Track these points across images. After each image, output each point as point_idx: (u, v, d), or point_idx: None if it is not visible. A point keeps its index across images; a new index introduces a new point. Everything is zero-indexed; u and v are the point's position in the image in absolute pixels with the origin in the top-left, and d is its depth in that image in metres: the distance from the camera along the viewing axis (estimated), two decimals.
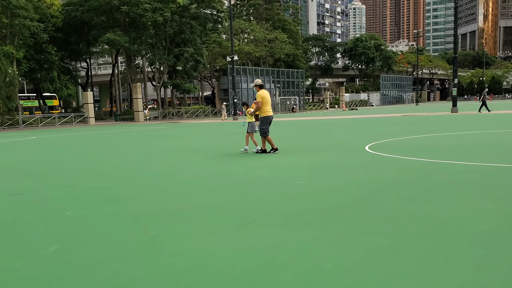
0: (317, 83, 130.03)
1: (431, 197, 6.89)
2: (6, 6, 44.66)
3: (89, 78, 69.60)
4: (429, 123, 26.87)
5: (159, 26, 54.83)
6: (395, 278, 3.86)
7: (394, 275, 3.91)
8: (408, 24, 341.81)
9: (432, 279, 3.81)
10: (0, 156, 16.82)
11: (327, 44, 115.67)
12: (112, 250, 4.87)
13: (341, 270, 4.06)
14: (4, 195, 8.30)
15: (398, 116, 39.22)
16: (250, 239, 5.09)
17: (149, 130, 32.68)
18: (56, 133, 33.99)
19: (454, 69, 44.77)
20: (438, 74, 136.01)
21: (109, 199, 7.58)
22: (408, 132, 19.83)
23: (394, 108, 74.88)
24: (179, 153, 14.89)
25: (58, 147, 19.59)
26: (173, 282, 3.96)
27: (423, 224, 5.46)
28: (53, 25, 54.75)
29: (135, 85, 56.67)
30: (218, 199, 7.30)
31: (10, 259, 4.71)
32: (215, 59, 70.20)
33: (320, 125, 30.57)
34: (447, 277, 3.84)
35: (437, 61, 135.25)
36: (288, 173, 9.68)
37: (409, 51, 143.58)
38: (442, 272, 3.96)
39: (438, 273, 3.94)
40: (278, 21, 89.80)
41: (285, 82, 79.29)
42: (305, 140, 18.20)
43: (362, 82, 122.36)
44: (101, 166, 12.45)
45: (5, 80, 45.70)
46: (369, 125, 27.18)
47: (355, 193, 7.32)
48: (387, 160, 11.19)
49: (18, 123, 46.90)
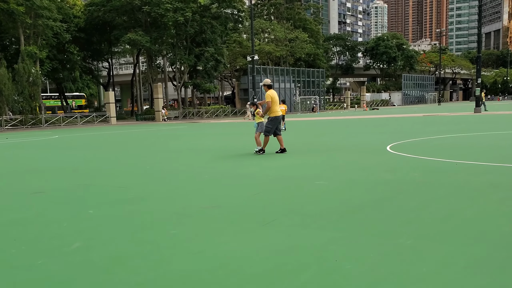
0: (338, 82, 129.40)
1: (453, 198, 6.81)
2: (30, 6, 45.29)
3: (110, 78, 70.25)
4: (451, 123, 26.57)
5: (180, 26, 55.07)
6: (415, 279, 3.82)
7: (415, 277, 3.87)
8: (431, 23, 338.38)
9: (453, 281, 3.76)
10: (24, 155, 17.06)
11: (348, 44, 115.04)
12: (133, 249, 4.91)
13: (361, 271, 4.03)
14: (28, 193, 8.42)
15: (420, 116, 38.85)
16: (269, 239, 5.08)
17: (169, 130, 32.87)
18: (78, 132, 34.38)
19: (478, 68, 44.19)
20: (461, 73, 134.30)
21: (130, 198, 7.64)
22: (430, 132, 19.63)
23: (416, 108, 74.19)
24: (199, 153, 14.94)
25: (80, 147, 19.81)
26: (192, 281, 3.97)
27: (444, 225, 5.40)
28: (76, 25, 55.35)
29: (156, 85, 57.02)
30: (237, 199, 7.30)
31: (33, 256, 4.77)
32: (236, 58, 70.30)
33: (340, 125, 30.43)
34: (468, 280, 3.79)
35: (460, 61, 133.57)
36: (307, 173, 9.65)
37: (431, 50, 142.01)
38: (464, 274, 3.91)
39: (459, 275, 3.89)
40: (299, 21, 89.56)
41: (305, 81, 79.08)
42: (325, 140, 18.13)
43: (384, 81, 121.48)
44: (122, 165, 12.56)
45: (29, 80, 46.36)
46: (391, 125, 26.97)
47: (375, 194, 7.26)
48: (408, 161, 11.09)
49: (41, 122, 47.52)
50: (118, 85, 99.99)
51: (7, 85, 44.06)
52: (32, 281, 4.10)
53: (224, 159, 12.81)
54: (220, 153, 14.41)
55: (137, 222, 6.03)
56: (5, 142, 24.88)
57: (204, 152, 15.16)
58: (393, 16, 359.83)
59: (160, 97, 56.45)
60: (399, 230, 5.23)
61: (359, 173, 9.42)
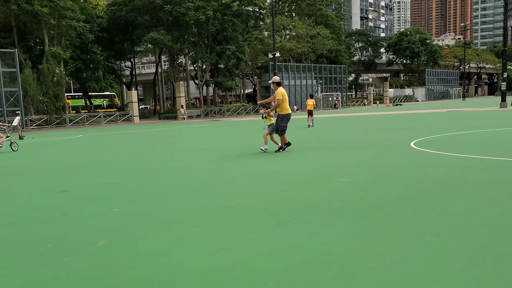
0: (360, 78, 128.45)
1: (478, 194, 6.72)
2: (53, 8, 45.88)
3: (133, 77, 70.80)
4: (476, 119, 26.21)
5: (202, 25, 55.24)
6: (441, 277, 3.78)
7: (440, 274, 3.83)
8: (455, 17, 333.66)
9: (480, 279, 3.71)
10: (49, 154, 17.31)
11: (370, 39, 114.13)
12: (157, 246, 4.95)
13: (385, 269, 4.00)
14: (54, 192, 8.54)
15: (444, 112, 38.40)
16: (293, 236, 5.07)
17: (191, 129, 33.03)
18: (102, 131, 34.75)
19: (503, 62, 43.51)
20: (486, 68, 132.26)
21: (153, 196, 7.70)
22: (455, 128, 19.40)
23: (440, 103, 73.33)
24: (221, 151, 14.98)
25: (104, 146, 20.03)
26: (216, 277, 3.99)
27: (470, 222, 5.33)
28: (99, 25, 55.88)
29: (178, 84, 57.31)
30: (261, 196, 7.31)
31: (59, 254, 4.84)
32: (257, 56, 70.27)
33: (363, 121, 30.23)
34: (495, 277, 3.74)
35: (485, 55, 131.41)
36: (330, 170, 9.61)
37: (455, 44, 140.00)
38: (490, 271, 3.86)
39: (485, 273, 3.84)
40: (320, 17, 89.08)
41: (327, 78, 78.71)
42: (348, 137, 18.03)
43: (407, 77, 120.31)
44: (146, 163, 12.66)
45: (53, 80, 47.01)
46: (414, 121, 26.71)
47: (400, 191, 7.20)
48: (433, 157, 10.98)
49: (65, 122, 48.14)
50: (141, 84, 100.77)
51: (32, 85, 44.74)
52: (59, 278, 4.15)
53: (246, 157, 12.83)
54: (241, 151, 14.42)
55: (161, 220, 6.08)
56: (30, 141, 25.27)
57: (226, 150, 15.20)
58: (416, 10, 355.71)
59: (182, 96, 56.73)
60: (423, 228, 5.17)
61: (383, 170, 9.35)
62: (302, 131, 23.21)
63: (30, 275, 4.25)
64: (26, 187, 9.42)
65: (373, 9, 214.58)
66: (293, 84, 70.52)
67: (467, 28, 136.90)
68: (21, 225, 6.16)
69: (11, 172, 12.17)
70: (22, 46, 52.53)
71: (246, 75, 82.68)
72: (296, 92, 71.37)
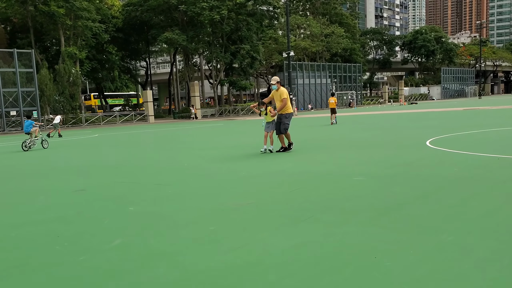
0: (375, 77, 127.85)
1: (495, 193, 6.66)
2: (69, 8, 46.27)
3: (148, 77, 71.11)
4: (492, 117, 25.95)
5: (216, 24, 55.33)
6: (458, 276, 3.75)
7: (457, 274, 3.80)
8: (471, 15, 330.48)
9: (497, 279, 3.68)
10: (65, 153, 17.46)
11: (385, 38, 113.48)
12: (172, 245, 4.97)
13: (401, 268, 3.97)
14: (69, 191, 8.61)
15: (460, 110, 38.07)
16: (307, 235, 5.07)
17: (206, 128, 33.11)
18: (117, 131, 34.97)
19: None
20: (503, 66, 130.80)
21: (168, 195, 7.73)
22: (471, 127, 19.22)
23: (455, 102, 72.69)
24: (235, 150, 15.00)
25: (120, 145, 20.15)
26: (231, 276, 3.99)
27: (487, 221, 5.28)
28: (114, 25, 56.18)
29: (193, 83, 57.45)
30: (275, 195, 7.30)
31: (75, 252, 4.88)
32: (271, 55, 70.22)
33: (378, 120, 30.07)
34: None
35: (502, 53, 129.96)
36: (345, 169, 9.58)
37: (471, 43, 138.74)
38: (508, 271, 3.82)
39: (503, 272, 3.80)
40: (335, 15, 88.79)
41: (341, 76, 78.46)
42: (363, 135, 17.95)
43: (422, 75, 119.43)
44: (160, 163, 12.73)
45: (69, 80, 47.40)
46: (430, 120, 26.51)
47: (416, 190, 7.15)
48: (449, 156, 10.89)
49: (81, 122, 48.51)
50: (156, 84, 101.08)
51: (49, 85, 45.16)
52: (75, 277, 4.19)
53: (260, 156, 12.82)
54: (255, 150, 14.38)
55: (176, 219, 6.10)
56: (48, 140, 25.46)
57: (240, 149, 15.21)
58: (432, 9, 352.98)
59: (197, 95, 56.86)
60: (440, 227, 5.14)
61: (398, 168, 9.29)
62: (322, 128, 23.16)
63: (47, 274, 4.29)
64: (43, 186, 9.51)
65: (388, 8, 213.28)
66: (307, 83, 70.42)
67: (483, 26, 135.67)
68: (38, 224, 6.22)
69: (28, 171, 12.29)
70: (39, 47, 53.02)
71: (261, 74, 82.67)
72: (310, 91, 71.28)
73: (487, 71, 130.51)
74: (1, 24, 52.99)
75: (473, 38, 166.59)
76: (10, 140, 28.69)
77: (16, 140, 27.38)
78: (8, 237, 5.61)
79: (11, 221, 6.52)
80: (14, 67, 41.51)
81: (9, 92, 41.86)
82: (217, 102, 65.00)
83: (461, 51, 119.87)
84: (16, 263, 4.63)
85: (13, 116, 42.57)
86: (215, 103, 65.88)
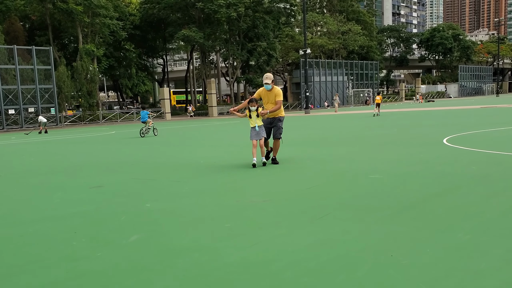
0: (392, 74, 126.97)
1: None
2: (87, 6, 46.67)
3: (165, 74, 71.48)
4: (510, 115, 25.62)
5: (233, 22, 55.43)
6: (475, 275, 3.72)
7: (474, 273, 3.77)
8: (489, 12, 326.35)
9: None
10: (83, 149, 17.60)
11: (402, 35, 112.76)
12: (189, 241, 4.99)
13: (418, 266, 3.95)
14: (87, 187, 8.69)
15: (478, 108, 37.67)
16: (324, 232, 5.05)
17: (222, 125, 33.16)
18: (134, 128, 35.14)
19: None
20: None
21: (185, 192, 7.76)
22: (489, 125, 19.02)
23: (473, 99, 71.98)
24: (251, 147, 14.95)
25: (137, 142, 20.26)
26: (247, 273, 4.00)
27: (505, 220, 5.23)
28: (131, 23, 56.53)
29: (209, 81, 57.61)
30: (292, 192, 7.29)
31: (93, 248, 4.93)
32: (288, 52, 70.15)
33: (395, 117, 29.86)
34: None
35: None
36: (362, 167, 9.53)
37: (489, 40, 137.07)
38: None
39: None
40: (352, 13, 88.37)
41: (358, 74, 78.19)
42: (380, 133, 17.85)
43: (439, 73, 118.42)
44: (177, 159, 12.78)
45: (87, 77, 47.83)
46: (447, 117, 26.28)
47: (432, 188, 7.10)
48: (466, 154, 10.79)
49: (99, 118, 48.88)
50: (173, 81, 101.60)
51: (66, 82, 45.59)
52: (92, 272, 4.23)
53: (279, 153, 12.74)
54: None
55: (192, 216, 6.12)
56: (65, 137, 25.75)
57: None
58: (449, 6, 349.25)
59: (213, 93, 56.98)
60: (457, 225, 5.10)
61: (415, 166, 9.23)
62: (339, 125, 23.08)
63: (65, 269, 4.33)
64: (60, 182, 9.60)
65: (405, 5, 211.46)
66: (323, 81, 70.23)
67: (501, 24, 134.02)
68: (56, 220, 6.28)
69: (46, 167, 12.41)
70: (57, 44, 53.57)
71: (277, 72, 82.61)
72: (326, 88, 71.10)
73: (505, 69, 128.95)
74: (20, 21, 53.56)
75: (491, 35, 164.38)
76: (28, 136, 28.98)
77: (34, 137, 27.69)
78: (26, 233, 5.68)
79: (29, 216, 6.59)
80: (32, 64, 41.95)
81: (27, 89, 42.31)
82: (233, 100, 65.09)
83: (478, 48, 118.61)
84: (34, 258, 4.69)
85: (31, 113, 43.01)
86: (231, 100, 65.97)
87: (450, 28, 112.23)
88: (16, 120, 42.50)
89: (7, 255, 4.85)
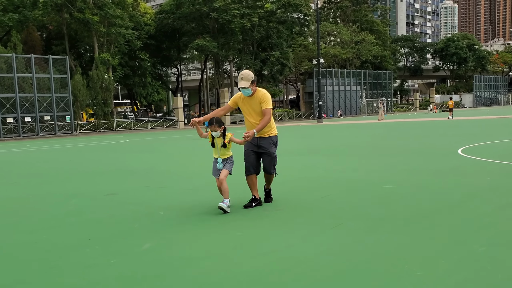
0: (406, 84, 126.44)
1: None
2: (103, 16, 47.19)
3: (179, 84, 71.81)
4: None
5: (247, 31, 55.68)
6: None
7: (489, 285, 3.73)
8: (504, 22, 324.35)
9: None
10: (97, 157, 17.72)
11: (416, 45, 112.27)
12: (200, 250, 4.99)
13: (432, 278, 3.92)
14: (101, 195, 8.74)
15: (493, 119, 37.36)
16: (336, 243, 5.04)
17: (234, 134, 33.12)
18: (148, 136, 35.35)
19: None
20: None
21: (197, 200, 7.78)
22: (504, 135, 18.85)
23: (488, 110, 71.37)
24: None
25: (151, 150, 20.35)
26: (258, 282, 3.99)
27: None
28: (146, 32, 56.99)
29: (223, 90, 57.79)
30: (304, 202, 7.28)
31: (106, 255, 4.95)
32: (301, 62, 70.21)
33: (409, 127, 29.71)
34: None
35: None
36: (374, 177, 9.49)
37: (505, 50, 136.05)
38: None
39: None
40: (365, 23, 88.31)
41: (372, 83, 77.94)
42: (394, 143, 17.77)
43: (454, 83, 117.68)
44: (190, 167, 12.81)
45: (102, 86, 48.21)
46: (462, 128, 26.09)
47: (447, 198, 7.05)
48: (481, 164, 10.70)
49: (113, 127, 49.21)
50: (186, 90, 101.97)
51: (82, 91, 45.99)
52: (106, 280, 4.25)
53: (288, 162, 12.75)
54: (285, 156, 14.36)
55: (205, 224, 6.14)
56: (80, 145, 25.93)
57: None
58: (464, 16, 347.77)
59: (227, 102, 57.02)
60: (472, 236, 5.05)
61: (430, 177, 9.17)
62: (353, 134, 23.01)
63: (79, 276, 4.35)
64: (75, 189, 9.65)
65: (420, 15, 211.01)
66: (336, 90, 70.15)
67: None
68: (70, 227, 6.33)
69: (60, 175, 12.50)
70: (73, 53, 54.15)
71: (290, 81, 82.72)
72: (340, 98, 71.02)
73: None
74: (37, 31, 54.27)
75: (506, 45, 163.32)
76: (44, 143, 29.24)
77: (49, 144, 27.93)
78: (40, 239, 5.72)
79: (44, 224, 6.65)
80: (49, 73, 42.44)
81: (44, 97, 42.77)
82: None
83: (494, 58, 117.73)
84: (48, 265, 4.72)
85: (47, 121, 43.48)
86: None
87: (465, 38, 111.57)
88: (32, 128, 43.03)
89: (21, 261, 4.89)
